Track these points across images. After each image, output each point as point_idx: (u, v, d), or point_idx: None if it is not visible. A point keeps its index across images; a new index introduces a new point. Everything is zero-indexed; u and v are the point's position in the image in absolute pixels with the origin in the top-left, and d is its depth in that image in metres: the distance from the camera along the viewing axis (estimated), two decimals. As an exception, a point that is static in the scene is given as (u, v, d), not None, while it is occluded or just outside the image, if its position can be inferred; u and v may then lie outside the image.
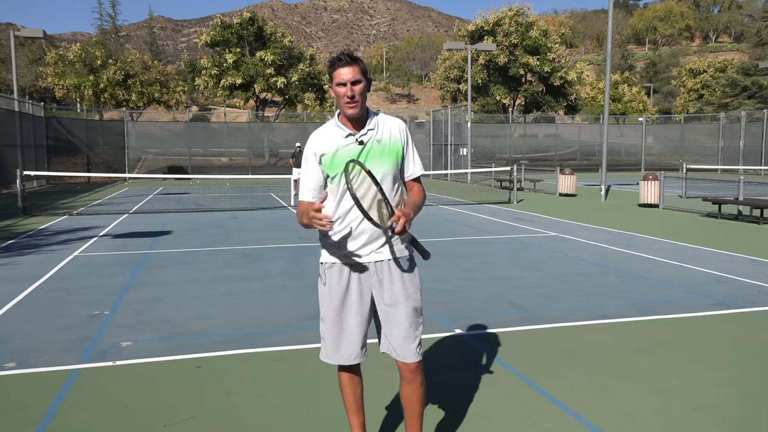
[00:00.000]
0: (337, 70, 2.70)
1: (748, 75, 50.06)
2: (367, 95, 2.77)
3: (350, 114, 2.73)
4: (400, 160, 2.85)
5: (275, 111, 43.24)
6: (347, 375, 2.96)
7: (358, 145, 2.76)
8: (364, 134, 2.78)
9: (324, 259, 2.89)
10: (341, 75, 2.69)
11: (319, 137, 2.84)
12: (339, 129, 2.79)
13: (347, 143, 2.76)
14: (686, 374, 4.30)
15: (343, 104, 2.72)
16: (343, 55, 2.73)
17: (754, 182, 24.28)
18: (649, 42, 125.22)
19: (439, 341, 5.02)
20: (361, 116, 2.77)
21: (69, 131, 29.70)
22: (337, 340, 2.86)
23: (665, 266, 8.13)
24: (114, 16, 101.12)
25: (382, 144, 2.80)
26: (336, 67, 2.70)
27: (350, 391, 2.97)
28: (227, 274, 7.81)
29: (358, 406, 3.00)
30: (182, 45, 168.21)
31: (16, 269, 8.10)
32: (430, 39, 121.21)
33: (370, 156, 2.76)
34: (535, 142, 40.24)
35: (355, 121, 2.77)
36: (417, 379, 2.85)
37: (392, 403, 3.82)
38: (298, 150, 20.67)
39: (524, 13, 44.45)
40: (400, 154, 2.84)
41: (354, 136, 2.77)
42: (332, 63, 2.72)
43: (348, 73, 2.69)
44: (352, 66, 2.70)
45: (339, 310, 2.84)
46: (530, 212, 14.97)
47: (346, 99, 2.69)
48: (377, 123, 2.82)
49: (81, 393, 4.02)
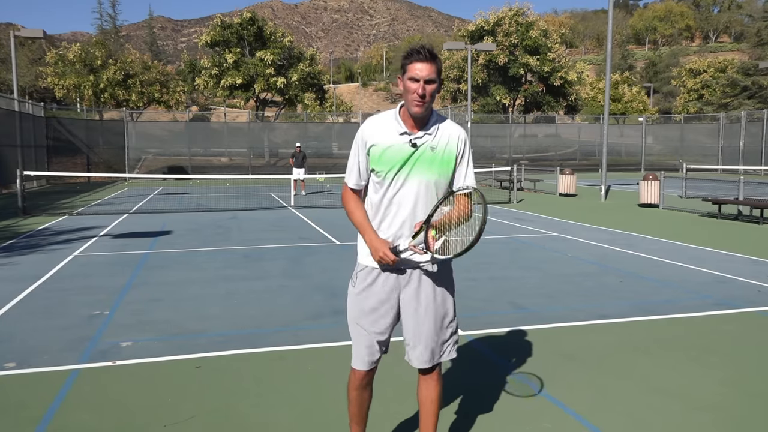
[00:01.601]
0: (413, 64, 2.53)
1: (748, 75, 50.09)
2: (436, 96, 2.61)
3: (415, 112, 2.57)
4: (450, 171, 2.70)
5: (275, 111, 43.25)
6: (361, 386, 2.86)
7: (411, 147, 2.62)
8: (420, 137, 2.62)
9: (360, 260, 2.81)
10: (416, 70, 2.52)
11: (374, 126, 2.67)
12: (396, 123, 2.64)
13: (401, 142, 2.62)
14: (686, 374, 4.30)
15: (411, 100, 2.55)
16: (423, 49, 2.53)
17: (754, 182, 24.28)
18: (649, 42, 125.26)
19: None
20: (424, 116, 2.61)
21: (69, 131, 29.70)
22: (363, 344, 2.80)
23: (665, 266, 8.13)
24: (114, 16, 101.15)
25: (436, 152, 2.64)
26: (413, 60, 2.53)
27: (358, 404, 2.90)
28: (227, 274, 7.81)
29: (362, 417, 2.94)
30: (182, 45, 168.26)
31: (16, 269, 8.10)
32: (430, 39, 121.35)
33: (420, 162, 2.63)
34: (535, 142, 40.24)
35: (417, 120, 2.62)
36: (433, 378, 2.84)
37: (402, 401, 3.81)
38: (298, 150, 20.69)
39: (524, 13, 44.47)
40: (451, 165, 2.69)
41: (409, 137, 2.62)
42: (409, 54, 2.55)
43: (424, 70, 2.51)
44: (430, 63, 2.52)
45: (368, 313, 2.77)
46: (530, 212, 14.97)
47: (415, 96, 2.52)
48: (437, 128, 2.66)
49: (81, 393, 4.01)
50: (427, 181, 2.66)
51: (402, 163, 2.64)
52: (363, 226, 2.71)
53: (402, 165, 2.64)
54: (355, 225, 2.76)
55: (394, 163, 2.64)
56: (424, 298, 2.76)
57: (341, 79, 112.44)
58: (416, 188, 2.66)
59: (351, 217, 2.77)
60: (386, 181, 2.67)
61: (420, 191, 2.67)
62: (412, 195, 2.67)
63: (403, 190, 2.67)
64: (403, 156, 2.63)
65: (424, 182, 2.65)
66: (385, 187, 2.68)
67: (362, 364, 2.81)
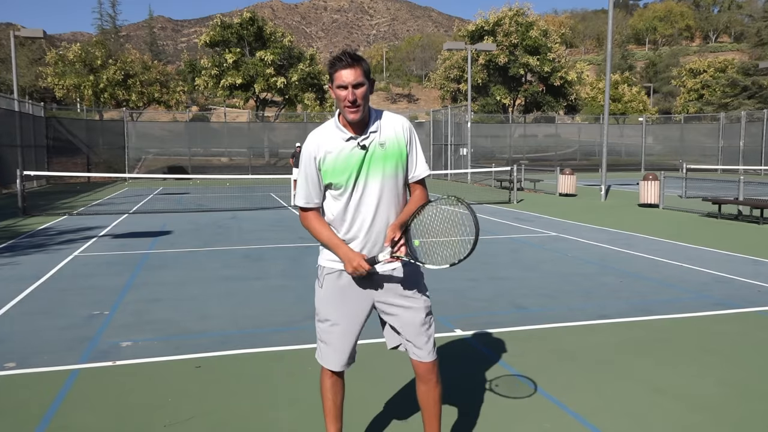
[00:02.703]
0: (337, 72, 2.54)
1: (748, 75, 50.06)
2: (369, 97, 2.63)
3: (351, 119, 2.59)
4: (404, 162, 2.72)
5: (275, 111, 43.25)
6: (331, 381, 2.88)
7: (361, 150, 2.63)
8: (366, 138, 2.63)
9: (323, 263, 2.81)
10: (342, 77, 2.53)
11: (318, 139, 2.67)
12: (339, 131, 2.65)
13: (349, 148, 2.63)
14: (686, 374, 4.30)
15: (344, 108, 2.57)
16: (344, 55, 2.56)
17: (754, 182, 24.28)
18: (649, 42, 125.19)
19: (439, 341, 5.01)
20: (362, 119, 2.62)
21: (69, 131, 29.70)
22: (329, 345, 2.82)
23: (665, 266, 8.13)
24: (114, 16, 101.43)
25: (386, 147, 2.66)
26: (337, 68, 2.54)
27: (331, 397, 2.90)
28: (227, 274, 7.81)
29: (337, 413, 2.93)
30: (182, 45, 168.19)
31: (16, 269, 8.10)
32: (430, 39, 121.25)
33: (374, 161, 2.64)
34: (535, 142, 40.23)
35: (357, 124, 2.63)
36: (433, 379, 2.83)
37: (395, 401, 3.82)
38: (299, 150, 20.70)
39: (524, 13, 44.46)
40: (404, 155, 2.71)
41: (356, 140, 2.63)
42: (332, 63, 2.56)
43: (349, 76, 2.53)
44: (354, 67, 2.54)
45: (334, 316, 2.78)
46: (530, 212, 14.97)
47: (347, 103, 2.55)
48: (380, 125, 2.68)
49: (81, 393, 4.02)
50: (386, 178, 2.67)
51: (358, 168, 2.64)
52: (333, 241, 2.70)
53: (358, 169, 2.64)
54: (323, 242, 2.74)
55: (350, 169, 2.63)
56: (397, 294, 2.76)
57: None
58: (378, 188, 2.67)
59: (317, 234, 2.75)
60: (347, 190, 2.66)
61: (383, 190, 2.67)
62: (374, 197, 2.67)
63: (365, 195, 2.67)
64: (356, 160, 2.63)
65: (384, 181, 2.66)
66: (346, 197, 2.67)
67: (335, 365, 2.83)
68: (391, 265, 2.74)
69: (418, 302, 2.78)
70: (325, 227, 2.74)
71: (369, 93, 2.61)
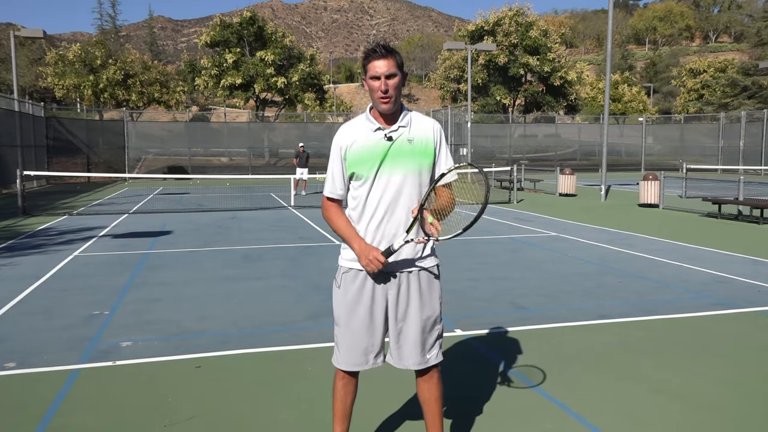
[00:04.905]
0: (371, 63, 2.58)
1: (748, 75, 50.06)
2: (402, 89, 2.65)
3: (383, 109, 2.61)
4: (430, 163, 2.72)
5: (275, 111, 43.25)
6: (343, 382, 2.87)
7: (387, 141, 2.65)
8: (395, 130, 2.65)
9: (341, 263, 2.80)
10: (375, 68, 2.57)
11: (346, 130, 2.71)
12: (369, 122, 2.68)
13: (376, 138, 2.65)
14: (686, 374, 4.30)
15: (377, 99, 2.59)
16: (378, 46, 2.60)
17: (754, 182, 24.28)
18: (649, 42, 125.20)
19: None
20: (394, 112, 2.65)
21: (69, 131, 29.70)
22: (340, 344, 2.82)
23: (665, 266, 8.13)
24: (114, 16, 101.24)
25: (413, 144, 2.67)
26: (370, 59, 2.58)
27: (340, 398, 2.89)
28: (227, 274, 7.81)
29: (345, 414, 2.92)
30: (182, 45, 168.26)
31: (17, 269, 8.09)
32: (430, 39, 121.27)
33: (399, 154, 2.65)
34: (535, 142, 40.23)
35: (388, 117, 2.66)
36: (432, 377, 2.83)
37: (395, 401, 3.82)
38: (302, 150, 20.71)
39: (524, 13, 44.46)
40: (431, 156, 2.71)
41: (383, 131, 2.65)
42: (367, 55, 2.60)
43: (383, 66, 2.56)
44: (388, 58, 2.57)
45: (346, 314, 2.77)
46: (530, 212, 14.97)
47: (379, 93, 2.57)
48: (410, 121, 2.70)
49: (81, 393, 4.01)
50: (410, 173, 2.66)
51: (381, 158, 2.65)
52: (348, 233, 2.71)
53: (382, 160, 2.65)
54: (340, 233, 2.75)
55: (374, 159, 2.64)
56: (411, 299, 2.75)
57: (341, 79, 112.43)
58: (399, 183, 2.67)
59: (334, 225, 2.77)
60: (368, 181, 2.66)
61: (404, 186, 2.67)
62: (395, 191, 2.67)
63: (387, 189, 2.67)
64: (381, 150, 2.64)
65: (406, 177, 2.66)
66: (367, 188, 2.68)
67: (346, 365, 2.82)
68: (409, 267, 2.73)
69: (425, 310, 2.76)
70: (342, 218, 2.75)
71: (402, 85, 2.63)
